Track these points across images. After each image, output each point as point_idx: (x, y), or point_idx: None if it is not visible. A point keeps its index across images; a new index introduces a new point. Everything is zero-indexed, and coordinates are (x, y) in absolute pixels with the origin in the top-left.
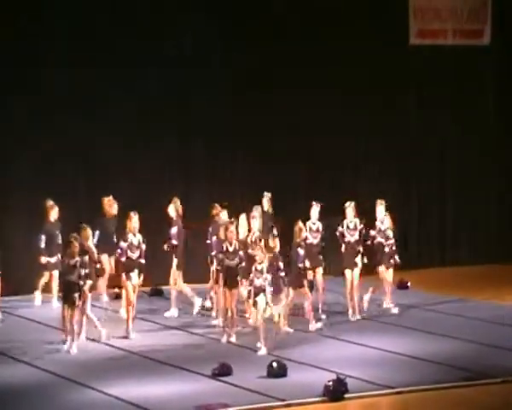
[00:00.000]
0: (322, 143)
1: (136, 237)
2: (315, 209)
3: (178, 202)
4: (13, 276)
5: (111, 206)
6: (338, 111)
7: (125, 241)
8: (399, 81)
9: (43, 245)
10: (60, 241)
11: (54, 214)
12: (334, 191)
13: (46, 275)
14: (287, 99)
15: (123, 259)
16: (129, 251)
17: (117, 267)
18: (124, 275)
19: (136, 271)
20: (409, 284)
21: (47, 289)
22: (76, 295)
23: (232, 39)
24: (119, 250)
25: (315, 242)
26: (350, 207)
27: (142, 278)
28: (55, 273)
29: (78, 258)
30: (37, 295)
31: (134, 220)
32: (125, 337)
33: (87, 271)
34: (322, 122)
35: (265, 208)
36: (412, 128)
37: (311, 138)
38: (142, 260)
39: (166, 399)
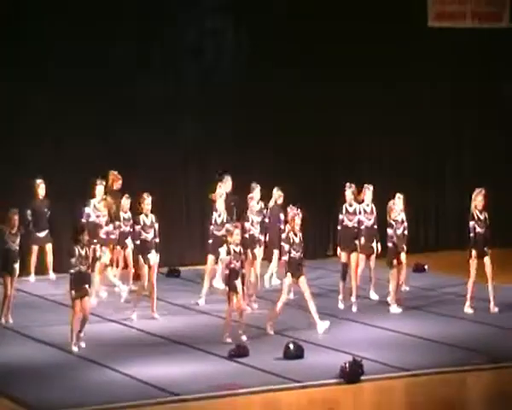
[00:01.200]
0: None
1: (148, 218)
2: (348, 191)
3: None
4: None
5: (115, 180)
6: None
7: (138, 223)
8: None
9: (30, 219)
10: (47, 217)
11: (41, 192)
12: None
13: (35, 251)
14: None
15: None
16: (143, 232)
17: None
18: (141, 257)
19: (153, 251)
20: (426, 266)
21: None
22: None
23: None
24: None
25: (350, 224)
26: (349, 190)
27: (158, 256)
28: (49, 247)
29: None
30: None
31: (147, 202)
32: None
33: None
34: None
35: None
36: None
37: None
38: (157, 240)
39: (183, 380)
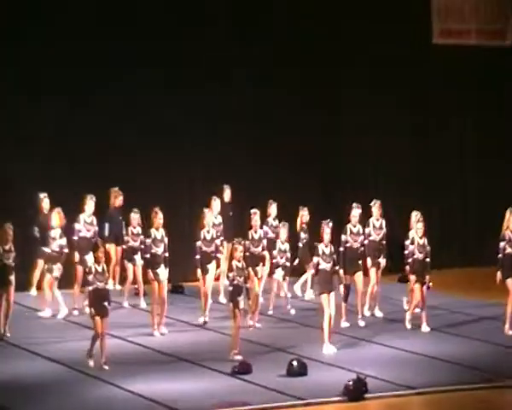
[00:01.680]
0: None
1: (159, 232)
2: (355, 211)
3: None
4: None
5: (116, 197)
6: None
7: (149, 237)
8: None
9: (37, 234)
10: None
11: (46, 206)
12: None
13: (40, 266)
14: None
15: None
16: (153, 246)
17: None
18: (150, 272)
19: (163, 266)
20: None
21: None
22: None
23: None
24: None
25: (355, 245)
26: (356, 210)
27: (167, 271)
28: None
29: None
30: (33, 289)
31: (159, 217)
32: (150, 335)
33: None
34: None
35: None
36: (431, 127)
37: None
38: (166, 254)
39: (186, 396)
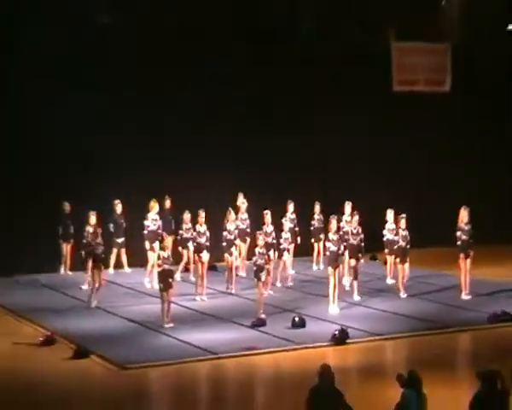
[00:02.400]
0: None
1: (202, 227)
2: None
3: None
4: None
5: (166, 201)
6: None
7: (196, 230)
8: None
9: (112, 230)
10: (124, 227)
11: (118, 209)
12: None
13: (114, 252)
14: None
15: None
16: (198, 238)
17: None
18: (196, 255)
19: (205, 251)
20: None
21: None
22: None
23: None
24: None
25: (335, 249)
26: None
27: (209, 255)
28: (123, 250)
29: None
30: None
31: (201, 216)
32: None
33: None
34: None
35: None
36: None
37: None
38: (207, 243)
39: (219, 343)
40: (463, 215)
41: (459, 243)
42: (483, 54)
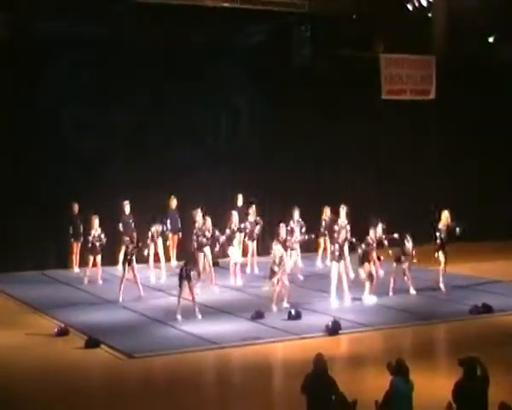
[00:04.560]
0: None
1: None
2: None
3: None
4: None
5: (172, 201)
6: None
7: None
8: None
9: (121, 229)
10: (132, 226)
11: (127, 210)
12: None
13: (123, 249)
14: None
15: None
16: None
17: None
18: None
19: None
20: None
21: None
22: None
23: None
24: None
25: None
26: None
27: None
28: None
29: None
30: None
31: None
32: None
33: None
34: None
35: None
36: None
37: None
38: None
39: (221, 333)
40: (446, 217)
41: (438, 241)
42: (466, 65)
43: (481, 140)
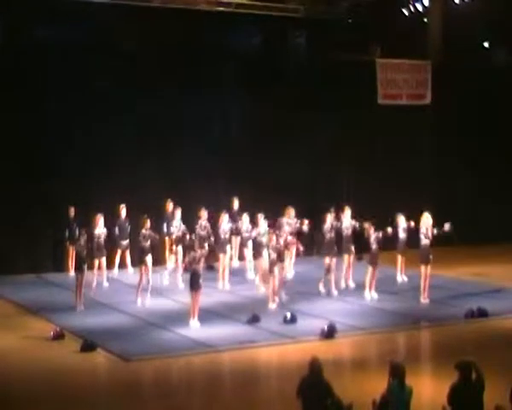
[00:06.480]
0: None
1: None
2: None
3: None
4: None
5: (168, 204)
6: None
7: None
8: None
9: (117, 233)
10: (128, 230)
11: (123, 213)
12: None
13: (119, 253)
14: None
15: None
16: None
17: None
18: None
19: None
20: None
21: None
22: None
23: None
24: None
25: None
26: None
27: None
28: (128, 251)
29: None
30: (116, 268)
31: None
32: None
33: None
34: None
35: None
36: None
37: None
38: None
39: (217, 337)
40: (426, 221)
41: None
42: (462, 70)
43: (477, 144)
